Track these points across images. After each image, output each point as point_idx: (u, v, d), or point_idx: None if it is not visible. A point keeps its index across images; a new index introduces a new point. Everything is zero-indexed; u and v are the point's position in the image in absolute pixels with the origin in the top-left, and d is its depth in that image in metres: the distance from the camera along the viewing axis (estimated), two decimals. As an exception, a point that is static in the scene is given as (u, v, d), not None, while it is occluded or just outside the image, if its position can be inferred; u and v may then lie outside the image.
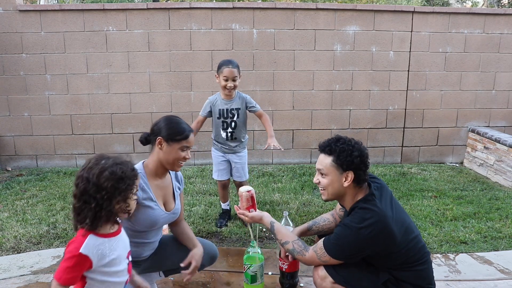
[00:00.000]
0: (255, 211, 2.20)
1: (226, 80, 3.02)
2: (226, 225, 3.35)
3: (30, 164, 5.05)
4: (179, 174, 2.22)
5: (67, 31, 4.73)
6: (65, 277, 1.37)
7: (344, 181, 1.91)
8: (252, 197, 2.19)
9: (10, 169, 4.98)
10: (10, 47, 4.71)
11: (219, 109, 3.14)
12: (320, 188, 2.01)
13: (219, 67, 3.05)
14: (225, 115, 3.15)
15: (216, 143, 3.27)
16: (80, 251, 1.37)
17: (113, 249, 1.47)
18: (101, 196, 1.38)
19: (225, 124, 3.16)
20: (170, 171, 2.13)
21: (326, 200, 2.04)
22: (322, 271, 1.96)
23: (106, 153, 1.51)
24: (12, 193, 4.09)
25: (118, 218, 1.51)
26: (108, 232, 1.48)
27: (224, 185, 3.40)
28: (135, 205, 1.55)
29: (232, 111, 3.15)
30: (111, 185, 1.39)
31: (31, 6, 4.80)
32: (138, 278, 1.78)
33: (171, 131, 1.96)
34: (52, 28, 4.71)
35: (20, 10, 4.64)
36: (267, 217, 2.15)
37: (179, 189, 2.18)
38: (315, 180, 2.02)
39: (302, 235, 2.29)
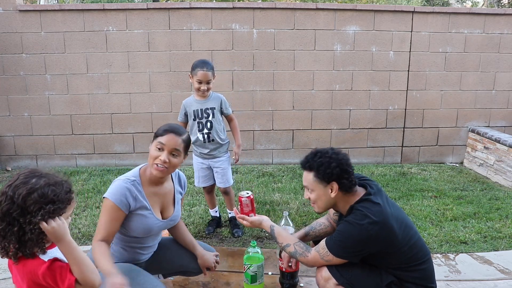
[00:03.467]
0: (254, 215, 2.19)
1: (200, 83, 2.93)
2: (215, 232, 3.30)
3: (30, 164, 5.04)
4: (183, 178, 2.17)
5: (67, 31, 4.72)
6: (70, 278, 1.29)
7: (331, 192, 1.92)
8: (251, 202, 2.19)
9: (10, 169, 4.98)
10: (10, 47, 4.71)
11: (194, 110, 3.02)
12: (311, 203, 2.03)
13: (193, 68, 2.95)
14: (200, 116, 3.03)
15: (195, 148, 3.14)
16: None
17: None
18: (25, 220, 1.20)
19: (200, 125, 3.04)
20: (173, 176, 2.10)
21: (319, 213, 2.05)
22: (325, 273, 1.94)
23: (39, 170, 1.31)
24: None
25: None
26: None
27: (208, 191, 3.31)
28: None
29: (207, 111, 3.02)
30: (37, 208, 1.20)
31: (31, 6, 4.79)
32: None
33: (158, 129, 1.95)
34: (52, 28, 4.71)
35: (20, 10, 4.63)
36: (266, 221, 2.14)
37: (181, 194, 2.15)
38: (305, 196, 2.04)
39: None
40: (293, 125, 5.20)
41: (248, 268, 2.31)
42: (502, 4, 16.61)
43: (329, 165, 1.89)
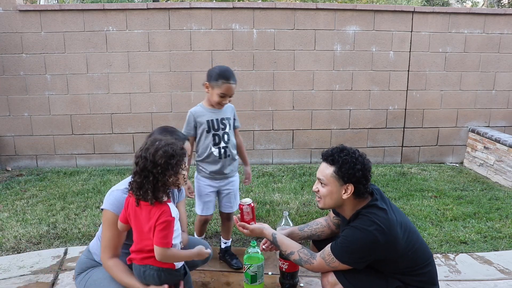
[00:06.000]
0: (255, 223, 2.16)
1: (223, 97, 2.47)
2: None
3: (30, 164, 5.05)
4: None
5: (67, 31, 4.73)
6: (169, 241, 1.64)
7: (344, 193, 1.89)
8: (252, 210, 2.15)
9: (10, 169, 4.98)
10: (10, 47, 4.71)
11: (208, 120, 2.54)
12: (317, 196, 1.98)
13: (215, 77, 2.45)
14: (216, 127, 2.56)
15: (204, 167, 2.62)
16: (173, 215, 1.66)
17: (176, 211, 1.74)
18: (157, 171, 1.62)
19: (216, 137, 2.56)
20: None
21: (322, 208, 2.01)
22: (332, 278, 1.92)
23: (159, 136, 1.77)
24: (12, 193, 4.09)
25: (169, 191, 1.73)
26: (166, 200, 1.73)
27: (207, 220, 2.76)
28: (183, 181, 1.75)
29: (223, 121, 2.59)
30: (164, 161, 1.63)
31: (31, 6, 4.80)
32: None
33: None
34: (52, 28, 4.71)
35: (20, 10, 4.64)
36: (267, 229, 2.11)
37: (174, 202, 2.10)
38: (314, 188, 1.98)
39: (293, 236, 2.26)
40: (293, 125, 5.20)
41: (248, 268, 2.31)
42: (502, 4, 16.62)
43: (353, 166, 1.85)
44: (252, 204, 2.17)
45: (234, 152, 2.69)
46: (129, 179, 1.96)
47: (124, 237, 1.85)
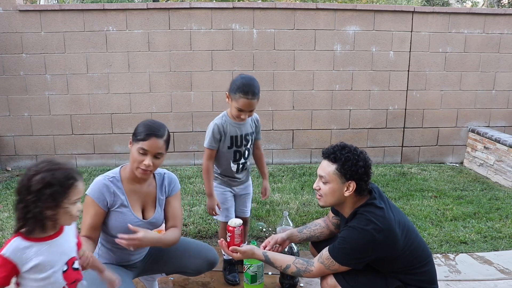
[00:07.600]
0: (243, 244, 2.11)
1: (240, 111, 2.30)
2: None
3: (30, 164, 5.03)
4: (167, 181, 2.04)
5: (67, 31, 4.73)
6: None
7: (346, 191, 1.88)
8: (242, 231, 2.12)
9: (10, 169, 4.98)
10: (10, 47, 4.71)
11: (232, 136, 2.40)
12: (318, 194, 1.97)
13: (234, 90, 2.26)
14: (239, 143, 2.42)
15: (222, 176, 2.54)
16: (1, 253, 1.33)
17: (39, 254, 1.37)
18: (29, 198, 1.32)
19: (237, 154, 2.44)
20: (157, 178, 2.02)
21: (323, 207, 2.01)
22: (331, 280, 1.91)
23: (55, 159, 1.44)
24: (12, 193, 4.08)
25: (55, 224, 1.41)
26: (40, 236, 1.38)
27: None
28: (69, 218, 1.42)
29: (247, 137, 2.45)
30: (37, 189, 1.32)
31: (31, 6, 4.79)
32: (107, 274, 1.67)
33: (136, 129, 1.88)
34: (52, 28, 4.71)
35: (20, 10, 4.63)
36: (258, 249, 2.07)
37: (161, 199, 2.03)
38: (315, 186, 1.97)
39: (292, 238, 2.26)
40: (293, 125, 5.20)
41: (248, 268, 2.31)
42: (502, 4, 16.61)
43: (356, 163, 1.84)
44: (242, 225, 2.12)
45: (249, 161, 2.58)
46: (116, 169, 1.97)
47: (99, 222, 1.86)
